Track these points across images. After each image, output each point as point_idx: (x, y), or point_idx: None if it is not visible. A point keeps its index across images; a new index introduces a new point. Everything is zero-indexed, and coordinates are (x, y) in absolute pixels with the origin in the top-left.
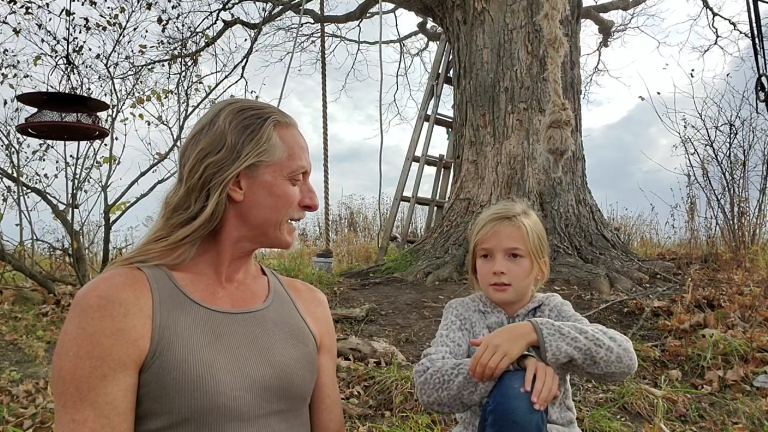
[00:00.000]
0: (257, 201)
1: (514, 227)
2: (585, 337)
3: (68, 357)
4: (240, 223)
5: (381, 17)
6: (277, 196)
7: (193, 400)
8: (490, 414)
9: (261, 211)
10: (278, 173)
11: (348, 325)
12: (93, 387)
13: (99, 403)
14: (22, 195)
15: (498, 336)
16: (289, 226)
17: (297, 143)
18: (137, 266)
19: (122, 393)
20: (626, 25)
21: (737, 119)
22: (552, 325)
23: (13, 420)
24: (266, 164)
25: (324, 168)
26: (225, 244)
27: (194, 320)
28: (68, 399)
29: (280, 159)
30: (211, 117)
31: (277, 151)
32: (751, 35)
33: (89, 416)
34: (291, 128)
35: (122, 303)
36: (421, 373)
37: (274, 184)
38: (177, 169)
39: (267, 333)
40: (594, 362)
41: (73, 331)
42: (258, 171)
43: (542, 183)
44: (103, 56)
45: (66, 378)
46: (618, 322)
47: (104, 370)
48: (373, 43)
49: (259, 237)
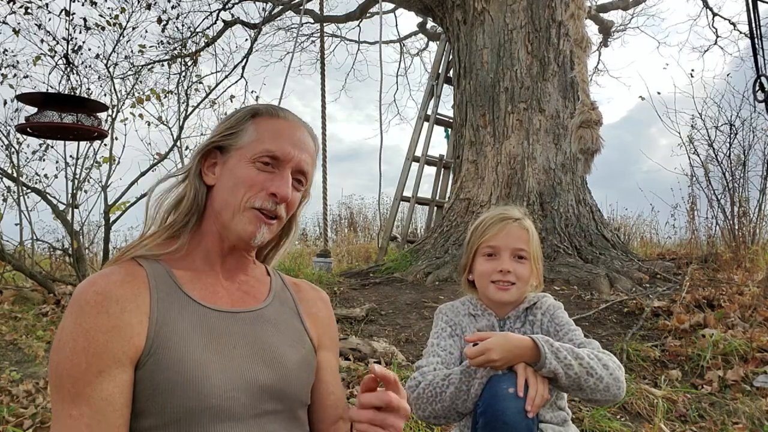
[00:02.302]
0: (222, 184)
1: (522, 229)
2: (579, 364)
3: (64, 352)
4: (216, 211)
5: (381, 17)
6: (236, 177)
7: (186, 399)
8: (481, 416)
9: (222, 194)
10: (243, 157)
11: (348, 325)
12: (89, 383)
13: (95, 399)
14: (22, 195)
15: (498, 349)
16: (250, 214)
17: (274, 130)
18: (137, 261)
19: (118, 389)
20: (626, 25)
21: (737, 119)
22: (551, 345)
23: (13, 420)
24: (235, 148)
25: (323, 168)
26: (209, 235)
27: (191, 319)
28: (65, 394)
29: (247, 143)
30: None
31: (245, 136)
32: (750, 35)
33: (85, 412)
34: (275, 119)
35: (119, 300)
36: (413, 389)
37: (237, 166)
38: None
39: (265, 333)
40: (580, 389)
41: (70, 327)
42: (227, 155)
43: (542, 183)
44: (102, 56)
45: (62, 374)
46: (618, 322)
47: (100, 366)
48: (373, 43)
49: (225, 222)
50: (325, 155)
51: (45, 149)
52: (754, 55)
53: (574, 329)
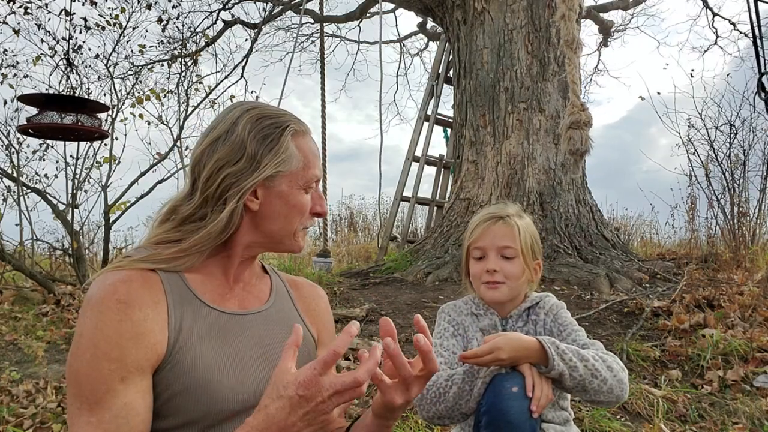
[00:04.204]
0: (273, 210)
1: (506, 227)
2: (584, 366)
3: (84, 358)
4: (253, 229)
5: (381, 17)
6: (291, 205)
7: (200, 403)
8: (485, 415)
9: (276, 220)
10: (294, 183)
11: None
12: (110, 389)
13: (116, 406)
14: (22, 195)
15: (506, 348)
16: (302, 234)
17: (312, 152)
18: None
19: (140, 395)
20: (626, 25)
21: (737, 119)
22: (557, 347)
23: (13, 420)
24: (283, 174)
25: (323, 168)
26: (236, 248)
27: (205, 323)
28: (84, 401)
29: (296, 169)
30: (228, 125)
31: (293, 161)
32: (751, 35)
33: (104, 418)
34: (306, 136)
35: (141, 307)
36: None
37: (290, 194)
38: (188, 175)
39: (270, 333)
40: (584, 390)
41: (90, 332)
42: (275, 181)
43: (542, 183)
44: (102, 56)
45: (82, 380)
46: (618, 322)
47: (123, 372)
48: (373, 43)
49: (271, 244)
50: (325, 155)
51: (45, 149)
52: (755, 55)
53: (577, 329)
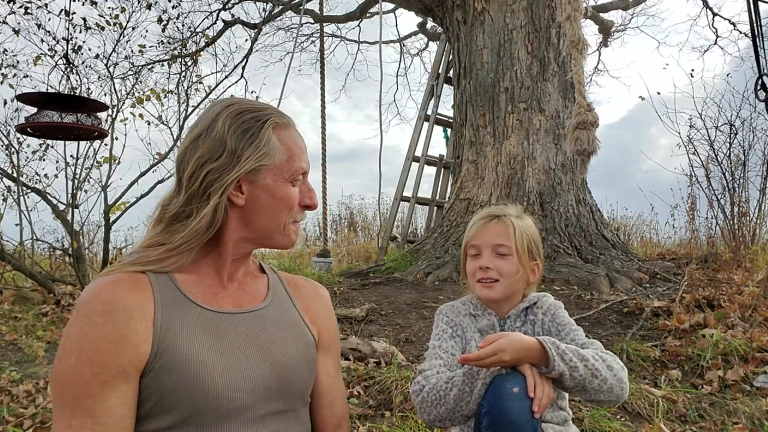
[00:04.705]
0: (259, 205)
1: (501, 225)
2: (584, 366)
3: (69, 362)
4: (242, 225)
5: (381, 17)
6: (278, 199)
7: (193, 402)
8: (486, 416)
9: (263, 214)
10: (279, 176)
11: (348, 325)
12: (92, 393)
13: (97, 410)
14: (22, 195)
15: (510, 349)
16: (293, 227)
17: (296, 144)
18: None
19: (120, 400)
20: (626, 25)
21: (737, 119)
22: (558, 347)
23: (13, 420)
24: (266, 168)
25: (322, 168)
26: (226, 245)
27: (195, 322)
28: (66, 404)
29: (280, 162)
30: (209, 122)
31: (276, 154)
32: (751, 35)
33: (86, 423)
34: (289, 129)
35: (126, 309)
36: (417, 393)
37: (276, 187)
38: (174, 174)
39: (267, 332)
40: (584, 390)
41: (75, 336)
42: (259, 175)
43: (542, 183)
44: (102, 56)
45: (65, 383)
46: (618, 322)
47: (104, 377)
48: (373, 43)
49: (261, 239)
50: (324, 155)
51: (45, 149)
52: (755, 55)
53: (576, 329)
